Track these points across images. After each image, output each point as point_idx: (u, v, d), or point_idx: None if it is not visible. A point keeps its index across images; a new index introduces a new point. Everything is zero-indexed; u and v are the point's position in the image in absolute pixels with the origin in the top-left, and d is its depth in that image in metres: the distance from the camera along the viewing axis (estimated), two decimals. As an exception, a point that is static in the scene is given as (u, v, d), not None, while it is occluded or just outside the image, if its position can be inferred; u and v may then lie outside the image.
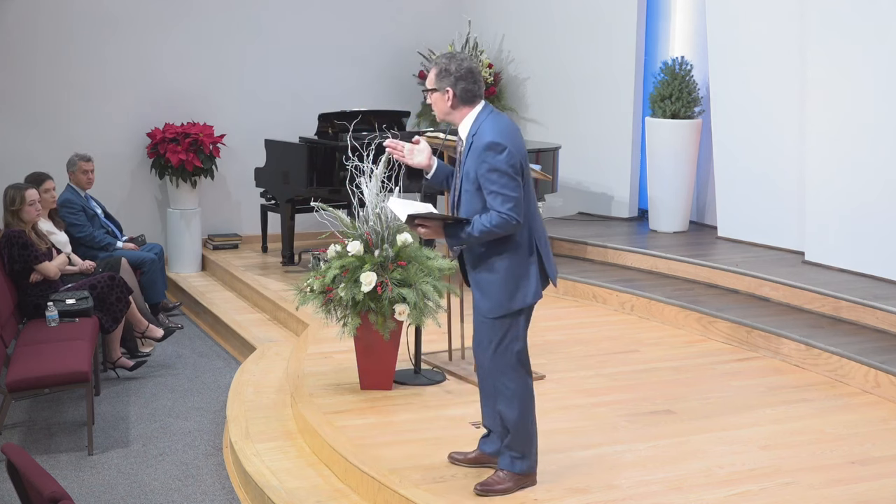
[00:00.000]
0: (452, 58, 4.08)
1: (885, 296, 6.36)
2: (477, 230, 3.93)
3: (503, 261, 4.01)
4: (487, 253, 4.02)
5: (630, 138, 8.98)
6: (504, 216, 3.89)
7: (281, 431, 5.16)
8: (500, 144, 3.92)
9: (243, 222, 9.59)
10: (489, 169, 3.92)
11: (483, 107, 4.08)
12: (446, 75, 4.05)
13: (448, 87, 4.05)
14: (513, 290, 4.03)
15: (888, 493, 4.24)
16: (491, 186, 3.92)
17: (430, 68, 4.14)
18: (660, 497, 4.16)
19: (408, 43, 9.89)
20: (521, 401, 4.15)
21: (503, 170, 3.91)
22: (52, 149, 8.46)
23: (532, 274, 4.05)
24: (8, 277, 6.35)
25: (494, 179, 3.92)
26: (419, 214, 4.01)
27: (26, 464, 2.88)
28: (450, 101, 4.06)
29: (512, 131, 4.00)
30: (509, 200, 3.90)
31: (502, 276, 4.03)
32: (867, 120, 6.83)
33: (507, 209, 3.89)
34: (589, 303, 7.46)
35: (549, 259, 4.12)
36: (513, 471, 4.18)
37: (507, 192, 3.90)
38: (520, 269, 4.03)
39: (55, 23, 8.73)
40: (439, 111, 4.13)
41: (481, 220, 3.93)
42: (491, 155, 3.92)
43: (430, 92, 4.12)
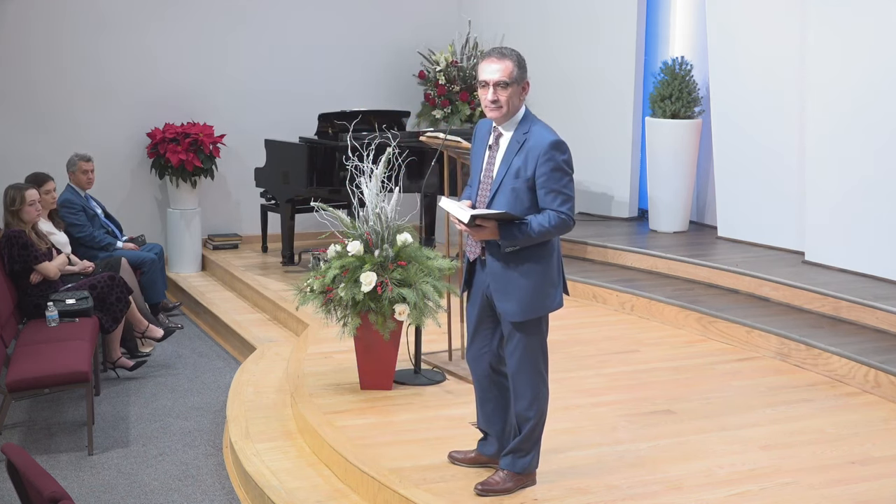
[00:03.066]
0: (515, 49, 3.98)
1: (885, 296, 6.36)
2: (534, 231, 3.87)
3: (539, 264, 3.99)
4: (524, 255, 3.96)
5: (630, 138, 8.98)
6: (563, 216, 3.89)
7: (281, 431, 5.16)
8: (564, 144, 3.91)
9: (243, 222, 9.59)
10: (554, 168, 3.88)
11: (526, 108, 4.03)
12: (525, 67, 3.94)
13: (526, 79, 3.95)
14: (543, 296, 4.00)
15: (888, 493, 4.24)
16: (554, 185, 3.89)
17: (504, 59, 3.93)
18: (660, 497, 4.16)
19: (408, 43, 9.89)
20: (540, 403, 4.13)
21: (567, 170, 3.91)
22: (52, 149, 8.46)
23: (559, 280, 4.06)
24: (8, 277, 6.35)
25: (558, 178, 3.90)
26: (480, 214, 3.89)
27: (26, 464, 2.88)
28: (525, 95, 3.95)
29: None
30: (569, 201, 3.92)
31: (536, 280, 3.98)
32: (867, 120, 6.83)
33: (567, 209, 3.90)
34: (589, 303, 7.46)
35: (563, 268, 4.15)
36: (513, 470, 4.18)
37: (568, 192, 3.92)
38: (550, 276, 4.02)
39: (55, 23, 8.73)
40: (512, 107, 3.94)
41: (539, 219, 3.88)
42: (557, 154, 3.89)
43: (507, 86, 3.91)
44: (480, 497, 4.12)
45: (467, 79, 9.60)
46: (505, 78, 3.91)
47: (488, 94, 3.93)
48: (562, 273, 4.09)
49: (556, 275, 4.04)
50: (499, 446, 4.32)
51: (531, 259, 3.97)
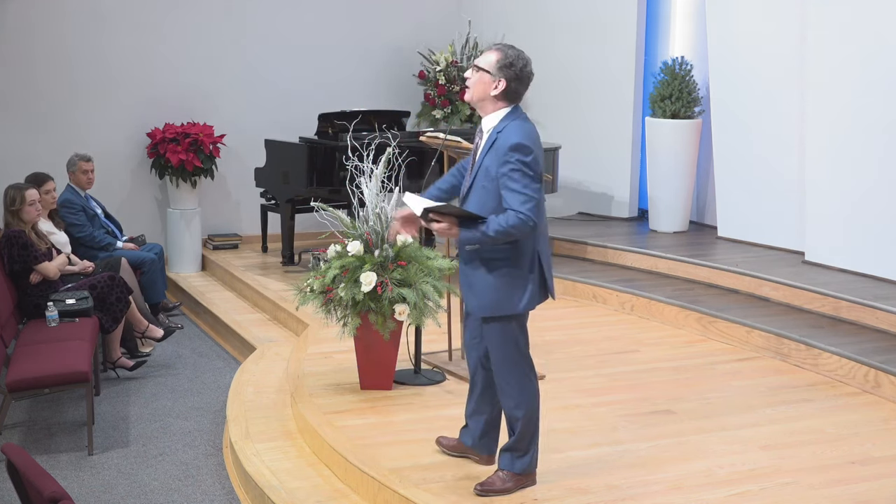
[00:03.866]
0: (520, 56, 4.07)
1: (885, 296, 6.36)
2: (493, 229, 3.86)
3: (501, 262, 3.98)
4: (486, 252, 3.98)
5: (630, 138, 8.98)
6: (522, 216, 3.83)
7: (281, 431, 5.16)
8: (527, 147, 3.90)
9: (243, 222, 9.59)
10: (513, 168, 3.88)
11: (514, 108, 4.06)
12: (508, 67, 4.02)
13: (504, 78, 4.01)
14: (507, 295, 4.01)
15: (888, 493, 4.24)
16: (513, 185, 3.87)
17: (493, 49, 4.07)
18: (660, 497, 4.16)
19: (408, 43, 9.89)
20: (527, 401, 4.14)
21: (526, 171, 3.87)
22: (53, 149, 8.46)
23: (529, 283, 4.02)
24: (8, 277, 6.35)
25: (518, 178, 3.87)
26: (434, 208, 3.95)
27: (26, 464, 2.88)
28: (496, 90, 4.01)
29: (537, 139, 3.98)
30: (530, 201, 3.85)
31: (496, 279, 4.00)
32: (867, 120, 6.84)
33: (527, 209, 3.84)
34: (589, 303, 7.46)
35: (550, 272, 4.10)
36: (513, 470, 4.18)
37: (530, 192, 3.86)
38: (514, 277, 3.99)
39: (55, 22, 8.73)
40: (477, 93, 4.04)
41: (498, 219, 3.87)
42: (518, 155, 3.88)
43: (478, 70, 4.03)
44: (480, 497, 4.12)
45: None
46: (480, 63, 4.05)
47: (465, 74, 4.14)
48: (541, 275, 4.05)
49: (528, 276, 4.00)
50: (475, 438, 4.38)
51: (498, 257, 3.98)
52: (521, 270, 3.99)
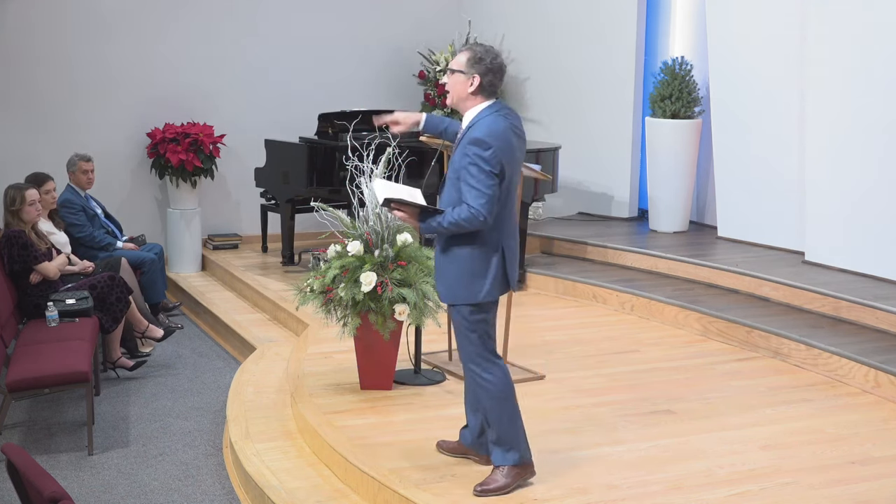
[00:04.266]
0: (489, 50, 4.15)
1: (885, 296, 6.36)
2: (447, 221, 4.00)
3: (464, 253, 4.08)
4: (453, 242, 4.11)
5: (630, 138, 8.98)
6: (473, 210, 3.94)
7: (281, 431, 5.16)
8: (486, 142, 3.96)
9: (243, 222, 9.59)
10: (470, 163, 3.98)
11: (492, 104, 4.12)
12: (479, 63, 4.10)
13: (477, 74, 4.09)
14: (466, 284, 4.10)
15: (888, 493, 4.24)
16: (469, 180, 3.98)
17: (462, 50, 4.19)
18: (660, 497, 4.16)
19: (408, 43, 9.89)
20: (495, 391, 4.17)
21: (483, 166, 3.96)
22: (53, 149, 8.47)
23: (489, 274, 4.09)
24: (8, 277, 6.35)
25: (474, 174, 3.97)
26: (394, 199, 4.08)
27: (26, 464, 2.88)
28: (472, 87, 4.10)
29: (504, 135, 4.03)
30: (482, 196, 3.94)
31: (459, 268, 4.10)
32: (867, 120, 6.84)
33: (479, 205, 3.94)
34: (589, 303, 7.46)
35: (514, 266, 4.17)
36: (506, 464, 4.19)
37: (483, 188, 3.95)
38: (478, 266, 4.08)
39: (55, 23, 8.73)
40: (455, 94, 4.16)
41: (453, 212, 4.00)
42: (475, 150, 3.97)
43: (453, 73, 4.14)
44: (480, 498, 4.12)
45: (467, 79, 9.58)
46: (452, 65, 4.18)
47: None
48: (503, 267, 4.11)
49: (490, 267, 4.08)
50: (474, 437, 4.41)
51: (460, 247, 4.09)
52: (484, 261, 4.08)
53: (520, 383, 5.51)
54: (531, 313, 7.17)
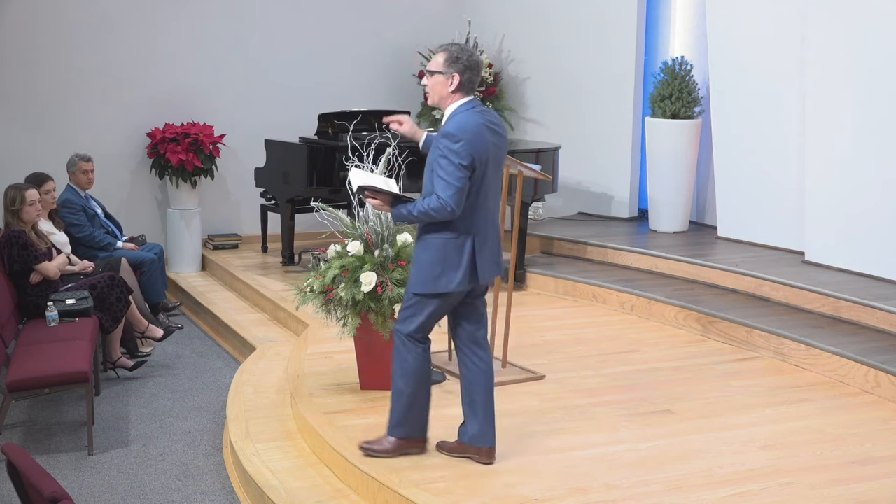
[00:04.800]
0: (464, 48, 4.31)
1: (885, 296, 6.36)
2: (417, 210, 4.17)
3: (436, 243, 4.22)
4: (426, 232, 4.26)
5: (630, 138, 8.98)
6: (441, 201, 4.10)
7: (281, 431, 5.16)
8: (455, 135, 4.13)
9: (243, 222, 9.59)
10: (441, 155, 4.14)
11: (469, 100, 4.28)
12: (456, 62, 4.25)
13: (456, 72, 4.24)
14: (436, 274, 4.23)
15: (888, 493, 4.25)
16: (439, 171, 4.13)
17: (438, 52, 4.32)
18: (660, 497, 4.16)
19: (408, 43, 9.89)
20: (408, 370, 4.36)
21: (452, 159, 4.11)
22: (53, 149, 8.47)
23: (460, 265, 4.22)
24: (8, 277, 6.35)
25: (443, 166, 4.12)
26: (368, 186, 4.26)
27: (26, 464, 2.88)
28: (452, 86, 4.26)
29: (477, 129, 4.17)
30: (450, 188, 4.09)
31: (430, 258, 4.24)
32: (867, 120, 6.84)
33: (447, 195, 4.09)
34: (589, 303, 7.46)
35: (486, 259, 4.27)
36: (393, 436, 4.44)
37: (451, 180, 4.10)
38: (448, 257, 4.22)
39: (55, 23, 8.73)
40: (436, 94, 4.31)
41: (423, 201, 4.16)
42: (446, 143, 4.13)
43: (432, 74, 4.29)
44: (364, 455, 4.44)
45: (467, 79, 9.58)
46: (430, 67, 4.33)
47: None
48: (473, 260, 4.23)
49: (460, 259, 4.22)
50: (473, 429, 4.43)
51: (432, 237, 4.24)
52: (454, 252, 4.22)
53: (520, 383, 5.55)
54: (531, 313, 7.17)
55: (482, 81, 9.62)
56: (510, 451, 4.57)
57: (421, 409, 4.46)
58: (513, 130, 9.85)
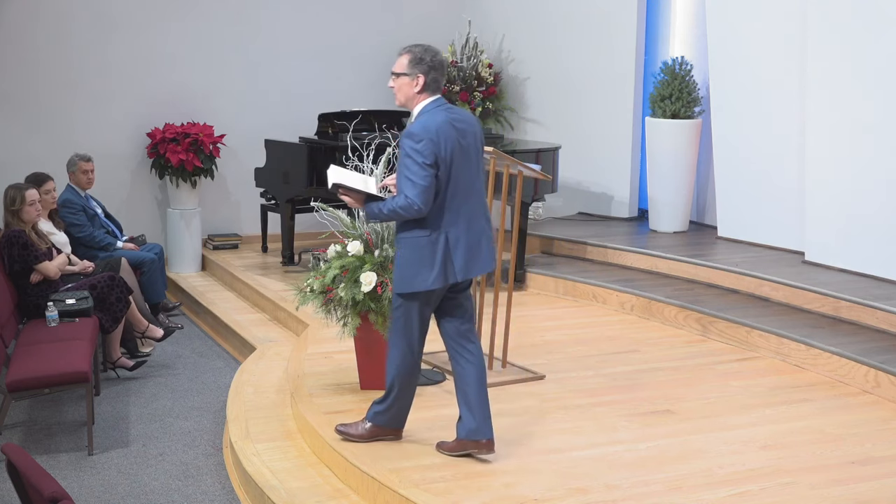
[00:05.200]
0: (427, 49, 4.40)
1: (885, 296, 6.36)
2: (387, 208, 4.28)
3: (409, 243, 4.32)
4: (400, 232, 4.36)
5: (630, 138, 8.98)
6: (408, 200, 4.19)
7: (281, 431, 5.16)
8: (417, 135, 4.21)
9: (243, 222, 9.59)
10: (405, 155, 4.24)
11: (434, 100, 4.37)
12: (420, 63, 4.35)
13: (420, 73, 4.34)
14: (413, 273, 4.32)
15: (888, 493, 4.25)
16: (404, 171, 4.23)
17: (402, 54, 4.41)
18: (660, 497, 4.16)
19: (408, 43, 9.85)
20: (395, 369, 4.49)
21: (416, 158, 4.20)
22: (53, 149, 8.47)
23: (434, 263, 4.29)
24: (8, 277, 6.35)
25: (408, 165, 4.21)
26: (342, 184, 4.36)
27: (26, 464, 2.88)
28: (418, 87, 4.35)
29: (441, 128, 4.24)
30: (415, 187, 4.18)
31: (405, 258, 4.34)
32: (867, 120, 6.83)
33: (413, 194, 4.18)
34: (589, 303, 7.46)
35: (462, 255, 4.33)
36: (373, 422, 4.60)
37: (415, 178, 4.18)
38: (421, 255, 4.30)
39: (55, 23, 8.73)
40: (402, 95, 4.40)
41: (392, 200, 4.26)
42: (408, 143, 4.23)
43: (398, 76, 4.38)
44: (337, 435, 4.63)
45: (467, 79, 9.60)
46: (395, 69, 4.41)
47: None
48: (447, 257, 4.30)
49: (434, 257, 4.28)
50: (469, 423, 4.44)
51: (406, 236, 4.34)
52: (427, 249, 4.29)
53: (520, 383, 5.55)
54: (531, 313, 7.17)
55: (482, 81, 9.63)
56: (510, 451, 4.57)
57: (405, 403, 4.60)
58: (513, 130, 9.86)
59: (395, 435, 4.66)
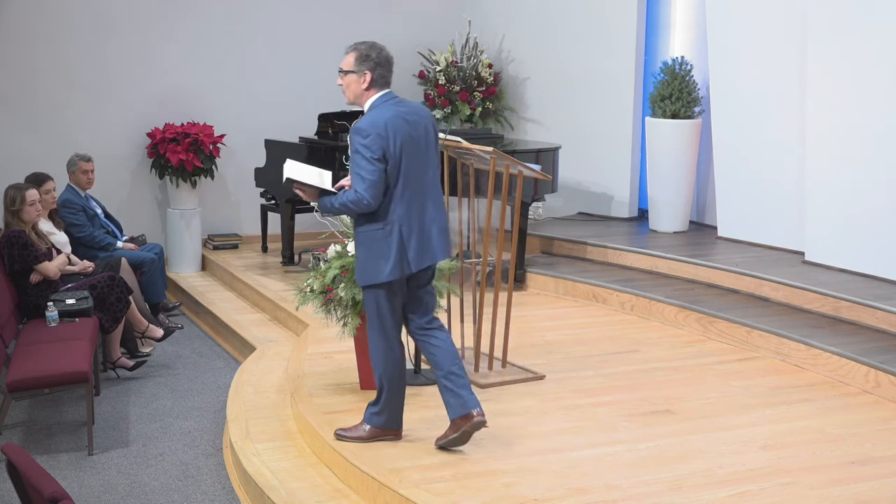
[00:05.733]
0: (373, 46, 4.50)
1: (885, 296, 6.36)
2: (338, 202, 4.40)
3: (364, 237, 4.42)
4: (356, 227, 4.47)
5: (630, 138, 8.98)
6: (358, 194, 4.29)
7: (281, 431, 5.16)
8: (364, 130, 4.31)
9: (243, 222, 9.59)
10: (354, 150, 4.34)
11: (383, 94, 4.48)
12: (366, 60, 4.45)
13: (367, 70, 4.44)
14: (371, 266, 4.42)
15: (888, 493, 4.24)
16: (353, 166, 4.34)
17: (348, 52, 4.49)
18: (660, 497, 4.16)
19: (408, 43, 9.89)
20: (383, 364, 4.55)
21: (364, 153, 4.30)
22: (53, 149, 8.47)
23: (389, 255, 4.38)
24: (8, 277, 6.36)
25: (357, 161, 4.32)
26: (295, 179, 4.46)
27: (26, 464, 2.88)
28: (365, 83, 4.46)
29: (390, 122, 4.34)
30: (364, 181, 4.28)
31: (364, 251, 4.45)
32: (867, 120, 6.83)
33: (362, 189, 4.28)
34: (589, 303, 7.46)
35: (416, 246, 4.42)
36: (370, 424, 4.64)
37: (364, 174, 4.29)
38: (378, 247, 4.39)
39: (55, 23, 8.74)
40: (351, 92, 4.49)
41: (343, 195, 4.37)
42: (356, 138, 4.33)
43: (346, 74, 4.46)
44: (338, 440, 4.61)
45: (467, 79, 9.60)
46: (343, 66, 4.50)
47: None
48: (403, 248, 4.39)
49: (390, 248, 4.38)
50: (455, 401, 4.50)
51: (362, 230, 4.43)
52: (382, 241, 4.39)
53: (520, 383, 5.55)
54: (531, 313, 7.17)
55: (482, 81, 9.63)
56: (510, 451, 4.58)
57: (398, 401, 4.64)
58: (513, 130, 9.86)
59: (395, 435, 4.67)
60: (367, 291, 4.50)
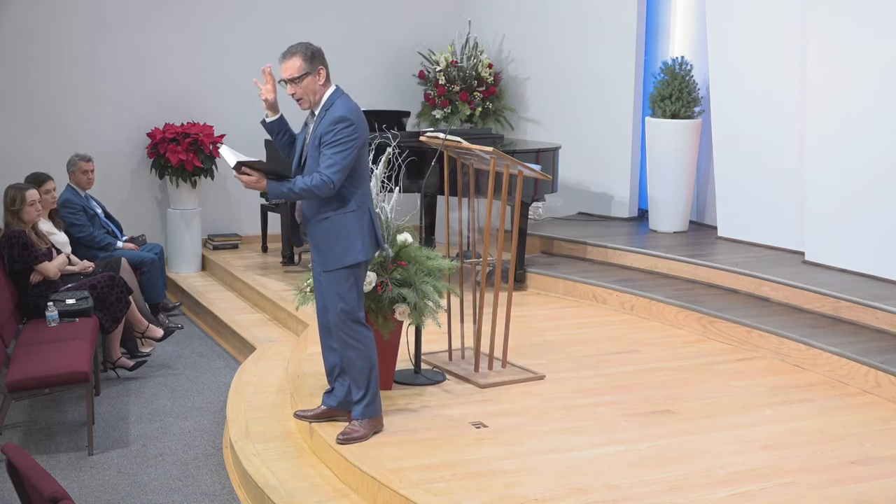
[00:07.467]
0: (308, 44, 4.63)
1: (885, 296, 6.36)
2: (297, 187, 4.45)
3: (339, 219, 4.51)
4: (322, 212, 4.53)
5: (630, 138, 8.98)
6: (325, 178, 4.39)
7: (281, 431, 5.16)
8: (348, 119, 4.46)
9: (243, 222, 9.59)
10: (333, 137, 4.42)
11: (337, 87, 4.62)
12: (314, 57, 4.58)
13: (320, 65, 4.58)
14: (344, 249, 4.52)
15: (888, 493, 4.25)
16: (327, 151, 4.42)
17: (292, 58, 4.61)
18: (660, 497, 4.16)
19: (408, 43, 9.89)
20: (366, 348, 4.66)
21: (343, 141, 4.42)
22: (53, 149, 8.47)
23: (362, 235, 4.54)
24: (8, 277, 6.36)
25: (333, 146, 4.42)
26: (246, 162, 4.52)
27: (26, 464, 2.88)
28: (322, 79, 4.58)
29: (359, 112, 4.56)
30: (335, 166, 4.40)
31: (334, 237, 4.53)
32: (867, 119, 6.84)
33: (332, 173, 4.39)
34: (589, 303, 7.46)
35: (377, 226, 4.66)
36: (365, 418, 4.69)
37: (338, 159, 4.41)
38: (351, 229, 4.52)
39: (55, 23, 8.74)
40: (311, 94, 4.58)
41: (304, 179, 4.44)
42: (339, 126, 4.43)
43: (300, 79, 4.55)
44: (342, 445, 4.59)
45: (467, 79, 9.60)
46: (294, 74, 4.60)
47: (287, 91, 4.67)
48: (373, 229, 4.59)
49: (362, 227, 4.54)
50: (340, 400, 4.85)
51: (335, 215, 4.52)
52: (353, 222, 4.53)
53: (520, 383, 5.55)
54: (531, 313, 7.17)
55: (482, 81, 9.63)
56: (510, 452, 4.58)
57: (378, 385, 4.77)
58: (513, 130, 9.86)
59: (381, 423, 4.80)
60: (344, 273, 4.55)
